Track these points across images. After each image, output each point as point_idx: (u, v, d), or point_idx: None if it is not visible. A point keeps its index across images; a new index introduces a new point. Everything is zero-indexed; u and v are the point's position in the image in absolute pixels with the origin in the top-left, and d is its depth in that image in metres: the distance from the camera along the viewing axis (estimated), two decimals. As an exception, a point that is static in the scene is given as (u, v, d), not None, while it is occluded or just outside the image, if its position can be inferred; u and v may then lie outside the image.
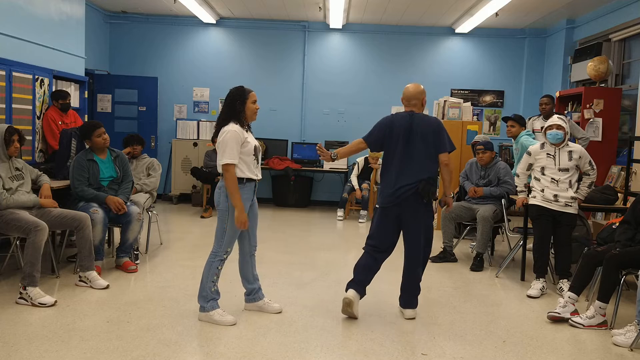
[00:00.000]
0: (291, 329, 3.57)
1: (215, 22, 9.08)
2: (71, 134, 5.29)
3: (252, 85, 3.84)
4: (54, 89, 5.94)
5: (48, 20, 6.06)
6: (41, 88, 5.74)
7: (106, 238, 4.99)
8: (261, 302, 3.88)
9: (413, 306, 3.90)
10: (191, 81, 9.34)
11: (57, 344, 3.18)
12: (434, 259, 5.44)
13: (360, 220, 7.90)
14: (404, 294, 3.92)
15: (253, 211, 3.73)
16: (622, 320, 3.80)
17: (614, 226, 4.26)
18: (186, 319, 3.67)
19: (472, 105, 7.44)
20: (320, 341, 3.40)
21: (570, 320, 3.83)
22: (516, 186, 5.01)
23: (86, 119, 6.65)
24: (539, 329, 3.78)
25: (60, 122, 5.77)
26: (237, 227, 3.55)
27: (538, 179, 4.68)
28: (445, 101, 7.19)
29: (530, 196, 4.78)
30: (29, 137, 5.44)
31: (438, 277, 5.00)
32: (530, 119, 6.77)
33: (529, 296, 4.47)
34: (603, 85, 7.09)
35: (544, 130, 4.68)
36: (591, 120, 6.71)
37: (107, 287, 4.27)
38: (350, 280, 3.86)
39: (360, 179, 8.18)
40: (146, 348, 3.18)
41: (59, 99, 5.78)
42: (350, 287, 3.82)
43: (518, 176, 4.95)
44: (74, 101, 6.40)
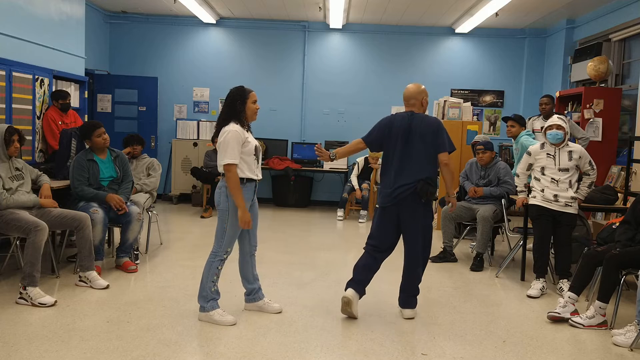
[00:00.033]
0: (291, 329, 3.57)
1: (215, 22, 9.08)
2: (71, 134, 5.29)
3: (252, 85, 3.84)
4: (54, 89, 5.94)
5: (48, 20, 6.06)
6: (41, 88, 5.74)
7: (106, 238, 4.99)
8: (261, 302, 3.89)
9: (412, 306, 3.90)
10: (191, 81, 9.34)
11: (57, 344, 3.18)
12: (434, 259, 5.45)
13: (360, 220, 7.90)
14: (403, 294, 3.93)
15: (253, 211, 3.73)
16: (622, 320, 3.80)
17: (614, 226, 4.25)
18: (186, 319, 3.67)
19: (472, 105, 7.44)
20: (320, 341, 3.40)
21: (570, 320, 3.83)
22: (516, 186, 5.01)
23: (86, 119, 6.65)
24: (539, 329, 3.78)
25: (60, 122, 5.77)
26: (241, 227, 3.56)
27: (538, 179, 4.68)
28: (445, 101, 7.20)
29: (530, 196, 4.78)
30: (29, 137, 5.45)
31: (438, 277, 5.00)
32: (530, 119, 6.77)
33: (529, 296, 4.47)
34: (603, 85, 7.09)
35: (544, 130, 4.68)
36: (591, 120, 6.71)
37: (107, 287, 4.27)
38: (349, 279, 3.87)
39: (360, 179, 8.18)
40: (146, 348, 3.18)
41: (59, 99, 5.78)
42: (350, 287, 3.82)
43: (518, 176, 4.95)
44: (74, 101, 6.40)
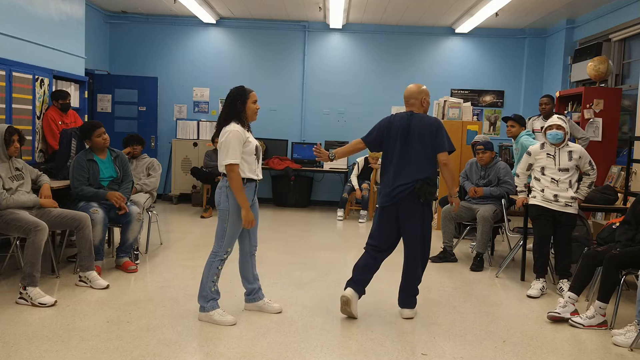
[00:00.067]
0: (291, 329, 3.57)
1: (215, 22, 9.08)
2: (71, 134, 5.29)
3: (252, 85, 3.84)
4: (54, 89, 5.94)
5: (48, 20, 6.06)
6: (41, 88, 5.74)
7: (106, 238, 4.99)
8: (261, 302, 3.89)
9: (411, 306, 3.90)
10: (191, 81, 9.34)
11: (57, 344, 3.18)
12: (434, 259, 5.45)
13: (360, 220, 7.90)
14: (402, 294, 3.93)
15: (254, 211, 3.71)
16: (622, 320, 3.80)
17: (614, 226, 4.25)
18: (186, 319, 3.67)
19: (472, 105, 7.44)
20: (320, 341, 3.40)
21: (570, 320, 3.83)
22: (516, 186, 5.01)
23: (86, 119, 6.65)
24: (539, 329, 3.78)
25: (60, 122, 5.77)
26: (244, 226, 3.57)
27: (538, 179, 4.68)
28: (445, 101, 7.20)
29: (530, 196, 4.78)
30: (29, 137, 5.45)
31: (438, 277, 5.00)
32: (530, 119, 6.77)
33: (529, 296, 4.47)
34: (603, 85, 7.08)
35: (544, 130, 4.68)
36: (591, 120, 6.71)
37: (107, 287, 4.27)
38: (349, 279, 3.87)
39: (360, 179, 8.18)
40: (146, 348, 3.18)
41: (59, 99, 5.78)
42: (349, 286, 3.83)
43: (518, 176, 4.95)
44: (74, 101, 6.40)
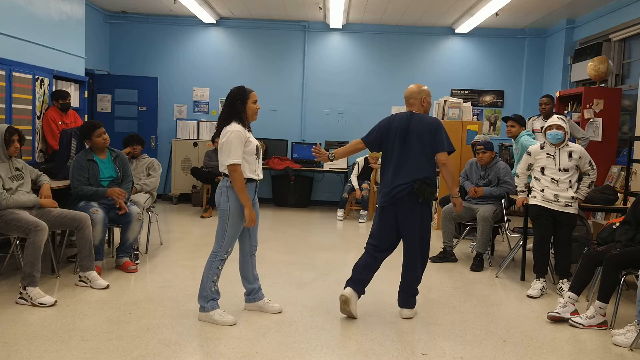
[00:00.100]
0: (291, 329, 3.57)
1: (215, 22, 9.08)
2: (71, 134, 5.29)
3: (252, 85, 3.84)
4: (54, 89, 5.94)
5: (48, 20, 6.06)
6: (41, 88, 5.74)
7: (106, 238, 4.99)
8: (261, 302, 3.89)
9: (410, 306, 3.90)
10: (191, 81, 9.34)
11: (57, 344, 3.18)
12: (434, 259, 5.45)
13: (360, 220, 7.90)
14: (401, 294, 3.93)
15: (255, 210, 3.72)
16: (622, 320, 3.80)
17: (614, 226, 4.25)
18: (186, 319, 3.67)
19: (472, 105, 7.44)
20: (320, 341, 3.40)
21: (570, 320, 3.83)
22: (516, 186, 5.01)
23: (86, 119, 6.65)
24: (539, 329, 3.78)
25: (60, 122, 5.77)
26: (247, 225, 3.58)
27: (538, 179, 4.68)
28: (445, 101, 7.20)
29: (530, 196, 4.78)
30: (29, 137, 5.45)
31: (438, 277, 5.00)
32: (530, 119, 6.77)
33: (529, 296, 4.47)
34: (603, 85, 7.08)
35: (543, 130, 4.68)
36: (591, 120, 6.71)
37: (107, 287, 4.27)
38: (348, 278, 3.87)
39: (360, 179, 8.18)
40: (146, 348, 3.18)
41: (59, 99, 5.78)
42: (348, 285, 3.83)
43: (518, 176, 4.95)
44: (74, 101, 6.40)
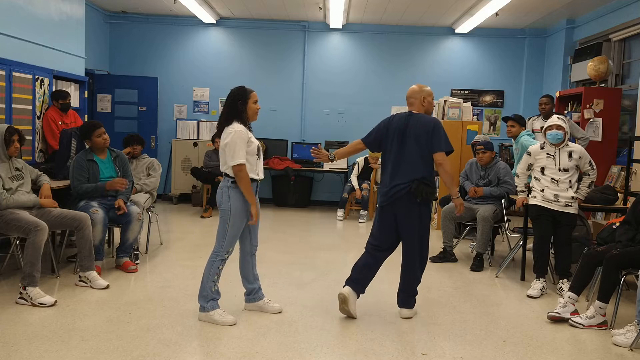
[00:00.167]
0: (291, 329, 3.57)
1: (215, 22, 9.08)
2: (71, 134, 5.29)
3: (252, 85, 3.84)
4: (54, 89, 5.94)
5: (48, 20, 6.06)
6: (41, 88, 5.74)
7: (106, 238, 4.99)
8: (261, 302, 3.89)
9: (410, 306, 3.91)
10: (191, 81, 9.34)
11: (57, 344, 3.19)
12: (433, 259, 5.45)
13: (360, 220, 7.90)
14: (401, 294, 3.93)
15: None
16: (622, 320, 3.80)
17: (614, 226, 4.25)
18: (186, 319, 3.67)
19: (472, 105, 7.44)
20: (320, 341, 3.40)
21: (570, 320, 3.83)
22: (516, 186, 5.01)
23: (86, 119, 6.65)
24: (539, 329, 3.78)
25: (60, 122, 5.77)
26: (252, 222, 3.59)
27: (538, 179, 4.68)
28: (445, 101, 7.20)
29: (530, 196, 4.78)
30: (29, 137, 5.45)
31: (438, 277, 5.00)
32: (530, 119, 6.77)
33: (529, 296, 4.47)
34: (603, 85, 7.08)
35: (543, 130, 4.68)
36: (591, 120, 6.71)
37: (107, 287, 4.27)
38: (347, 278, 3.88)
39: (360, 179, 8.18)
40: (146, 348, 3.18)
41: (59, 99, 5.78)
42: (347, 284, 3.84)
43: (518, 176, 4.95)
44: (74, 101, 6.40)
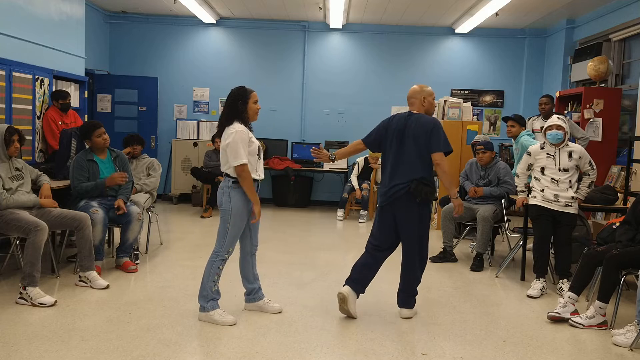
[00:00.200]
0: (291, 329, 3.57)
1: (215, 22, 9.08)
2: (71, 134, 5.29)
3: (252, 85, 3.84)
4: (54, 89, 5.94)
5: (48, 20, 6.06)
6: (41, 88, 5.74)
7: (106, 238, 4.99)
8: (261, 302, 3.89)
9: (410, 306, 3.91)
10: (191, 81, 9.34)
11: (57, 344, 3.19)
12: (433, 259, 5.45)
13: (360, 220, 7.90)
14: (401, 294, 3.93)
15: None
16: (622, 320, 3.80)
17: (614, 226, 4.25)
18: (186, 319, 3.67)
19: (472, 105, 7.45)
20: (320, 341, 3.40)
21: (570, 320, 3.83)
22: (516, 186, 5.01)
23: (86, 119, 6.66)
24: (539, 329, 3.78)
25: (60, 122, 5.77)
26: (254, 220, 3.60)
27: (538, 179, 4.68)
28: (445, 101, 7.20)
29: (530, 196, 4.78)
30: (29, 137, 5.45)
31: (438, 277, 5.00)
32: (530, 119, 6.77)
33: (529, 296, 4.47)
34: (603, 85, 7.08)
35: (543, 130, 4.68)
36: (591, 120, 6.71)
37: (107, 287, 4.27)
38: (347, 277, 3.88)
39: (360, 179, 8.18)
40: (146, 348, 3.18)
41: (59, 99, 5.78)
42: (346, 284, 3.84)
43: (518, 176, 4.95)
44: (74, 101, 6.40)
